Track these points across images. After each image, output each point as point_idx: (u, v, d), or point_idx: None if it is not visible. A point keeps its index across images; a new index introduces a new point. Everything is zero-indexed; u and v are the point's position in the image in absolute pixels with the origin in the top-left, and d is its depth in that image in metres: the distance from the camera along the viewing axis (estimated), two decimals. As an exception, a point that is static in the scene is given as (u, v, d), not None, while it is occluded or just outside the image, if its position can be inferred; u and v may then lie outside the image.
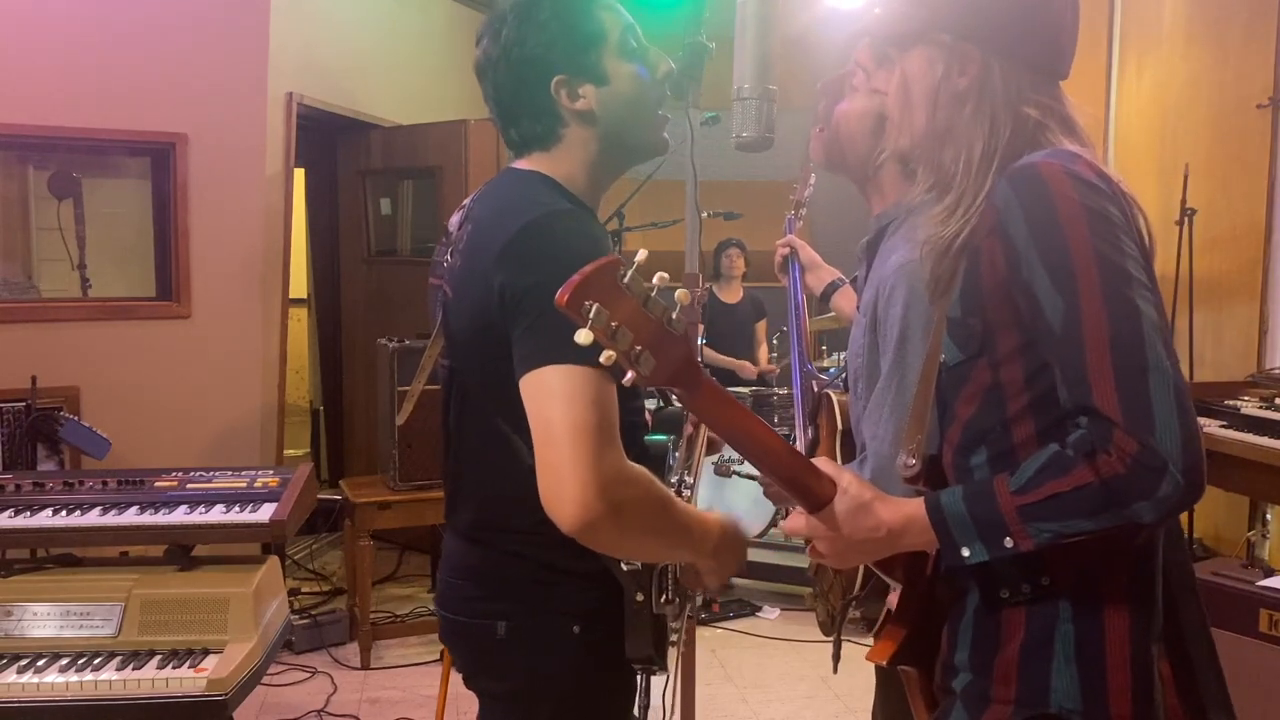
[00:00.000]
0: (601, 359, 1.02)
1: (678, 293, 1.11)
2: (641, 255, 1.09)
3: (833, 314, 2.47)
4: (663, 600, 1.43)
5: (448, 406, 1.50)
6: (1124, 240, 1.11)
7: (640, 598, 1.41)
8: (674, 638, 1.57)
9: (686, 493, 1.57)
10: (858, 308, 1.89)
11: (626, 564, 1.40)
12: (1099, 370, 1.07)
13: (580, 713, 1.48)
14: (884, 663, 1.26)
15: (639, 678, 1.54)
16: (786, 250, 2.32)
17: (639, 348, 1.03)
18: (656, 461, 1.52)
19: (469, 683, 1.55)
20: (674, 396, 1.11)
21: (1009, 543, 1.10)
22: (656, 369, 1.05)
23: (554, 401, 1.22)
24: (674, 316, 1.06)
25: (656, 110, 1.48)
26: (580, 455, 1.20)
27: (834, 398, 1.97)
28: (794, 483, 1.16)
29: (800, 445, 2.06)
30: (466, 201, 1.53)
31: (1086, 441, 1.07)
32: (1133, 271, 1.10)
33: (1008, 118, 1.22)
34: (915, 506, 1.17)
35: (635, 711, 1.57)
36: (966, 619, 1.22)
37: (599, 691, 1.49)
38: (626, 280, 1.05)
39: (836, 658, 1.95)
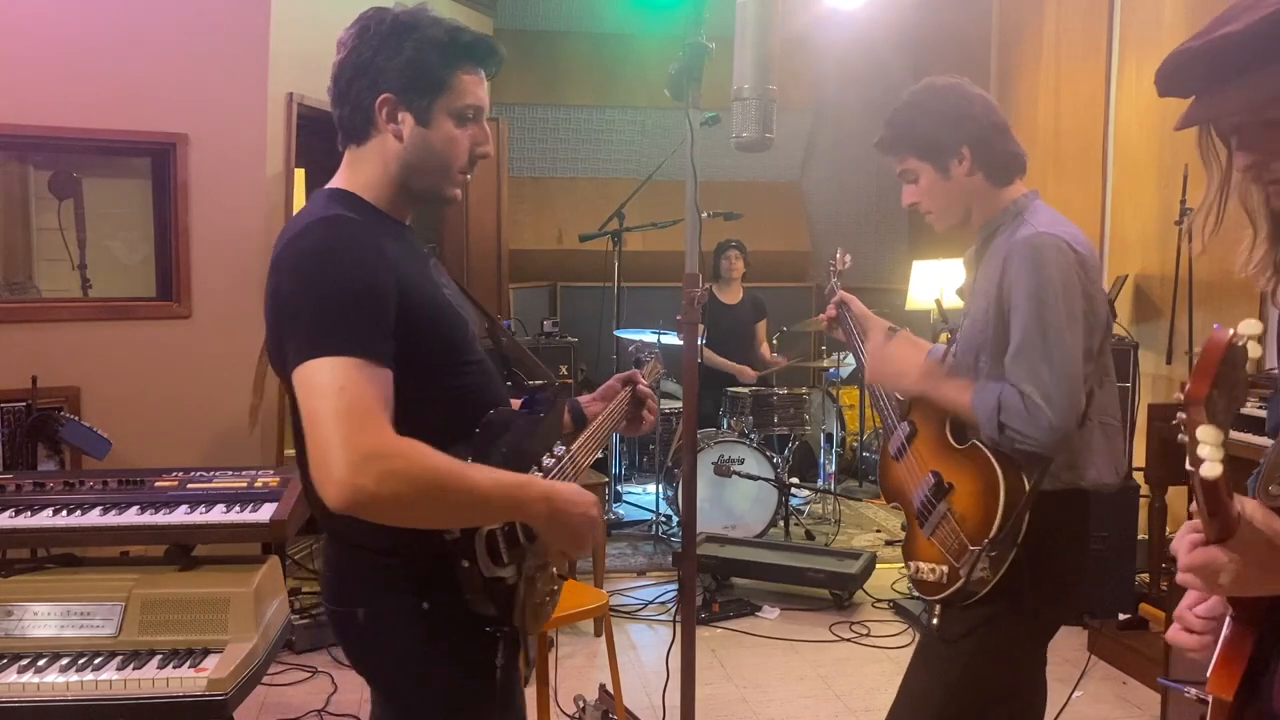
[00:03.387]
0: (1217, 470, 0.95)
1: None
2: (1254, 329, 0.97)
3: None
4: (495, 564, 1.51)
5: None
6: None
7: (466, 564, 1.49)
8: (545, 599, 1.66)
9: (549, 461, 1.64)
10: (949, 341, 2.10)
11: (448, 534, 1.47)
12: None
13: (445, 683, 1.57)
14: (1228, 698, 1.16)
15: (499, 640, 1.60)
16: (834, 312, 2.45)
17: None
18: (498, 431, 1.57)
19: (353, 666, 1.64)
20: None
21: None
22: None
23: (311, 393, 1.33)
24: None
25: (456, 174, 1.61)
26: (335, 438, 1.29)
27: None
28: (1220, 508, 1.05)
29: (896, 442, 2.20)
30: None
31: None
32: None
33: None
34: None
35: (499, 672, 1.63)
36: None
37: (459, 660, 1.57)
38: (1242, 354, 0.94)
39: (942, 618, 2.07)
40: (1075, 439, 1.91)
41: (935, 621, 2.08)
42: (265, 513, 2.63)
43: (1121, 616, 3.96)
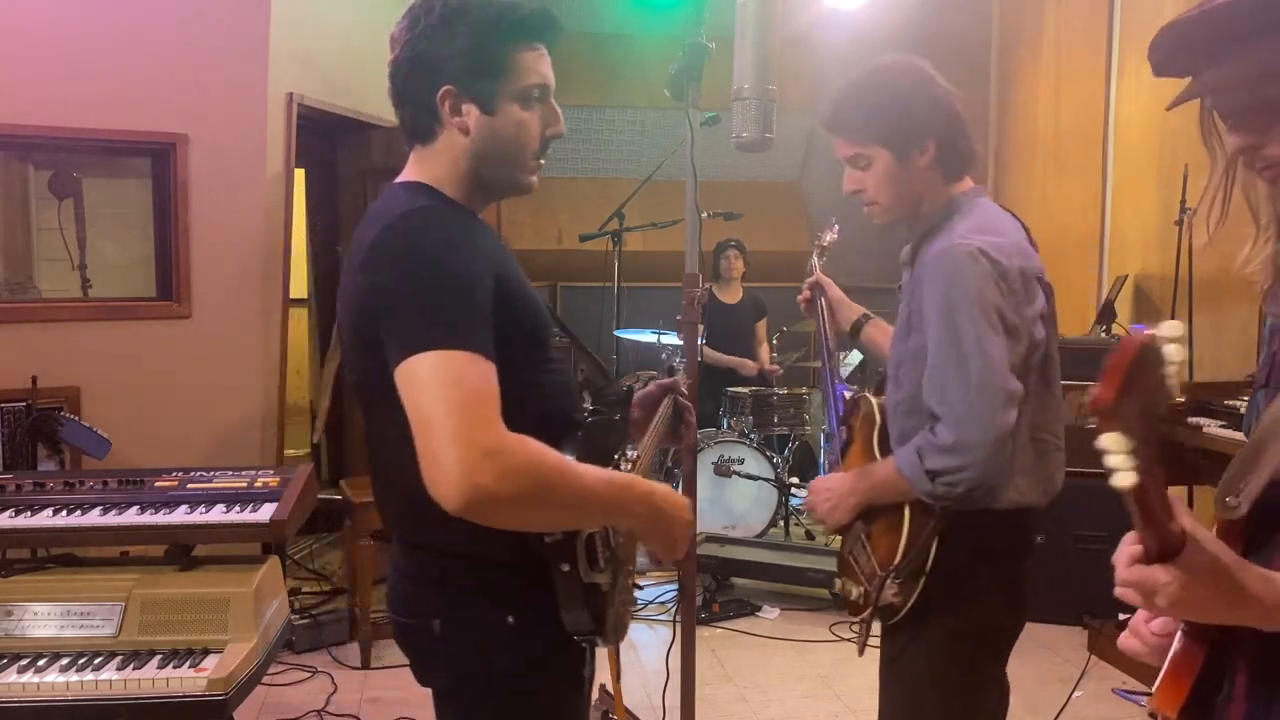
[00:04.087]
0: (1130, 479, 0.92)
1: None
2: (1175, 331, 0.91)
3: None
4: (592, 569, 1.45)
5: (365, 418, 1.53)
6: None
7: (566, 568, 1.42)
8: (626, 609, 1.60)
9: (626, 466, 1.60)
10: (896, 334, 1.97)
11: (549, 537, 1.41)
12: None
13: (526, 699, 1.50)
14: (1173, 715, 1.13)
15: (586, 651, 1.55)
16: (809, 294, 2.33)
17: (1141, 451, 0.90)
18: (582, 431, 1.53)
19: (420, 679, 1.58)
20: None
21: None
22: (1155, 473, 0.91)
23: (419, 389, 1.26)
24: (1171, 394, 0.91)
25: (530, 160, 1.52)
26: (450, 435, 1.22)
27: (871, 399, 2.03)
28: (1153, 521, 1.02)
29: (833, 451, 2.15)
30: None
31: None
32: None
33: None
34: None
35: (586, 685, 1.59)
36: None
37: (542, 677, 1.51)
38: (1161, 361, 0.89)
39: (865, 638, 2.01)
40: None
41: (862, 641, 2.01)
42: (265, 513, 2.63)
43: (1121, 616, 3.96)
